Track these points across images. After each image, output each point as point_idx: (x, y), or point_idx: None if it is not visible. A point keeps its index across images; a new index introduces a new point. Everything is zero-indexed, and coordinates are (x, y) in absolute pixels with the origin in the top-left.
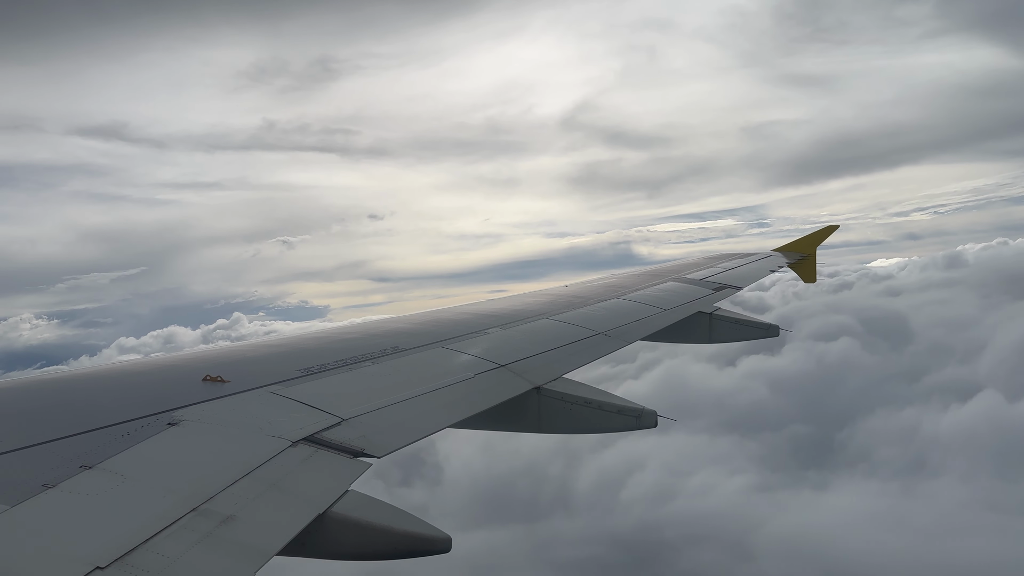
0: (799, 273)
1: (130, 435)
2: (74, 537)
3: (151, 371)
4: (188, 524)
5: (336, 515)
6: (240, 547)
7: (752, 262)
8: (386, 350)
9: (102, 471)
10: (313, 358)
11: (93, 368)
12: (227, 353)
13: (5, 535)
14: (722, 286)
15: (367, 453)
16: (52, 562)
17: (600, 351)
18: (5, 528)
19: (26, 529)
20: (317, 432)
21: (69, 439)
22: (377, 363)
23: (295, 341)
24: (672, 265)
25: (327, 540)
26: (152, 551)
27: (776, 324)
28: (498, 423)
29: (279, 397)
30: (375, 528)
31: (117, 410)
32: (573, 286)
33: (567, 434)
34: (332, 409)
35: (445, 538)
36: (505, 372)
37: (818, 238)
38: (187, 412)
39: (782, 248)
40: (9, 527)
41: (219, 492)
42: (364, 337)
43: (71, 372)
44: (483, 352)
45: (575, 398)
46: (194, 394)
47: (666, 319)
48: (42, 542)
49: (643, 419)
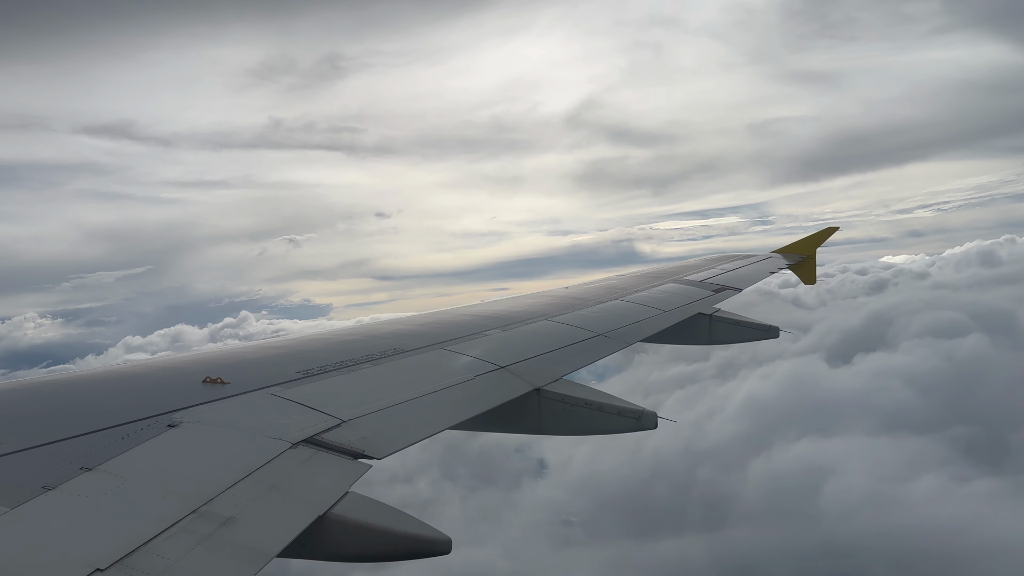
0: (799, 275)
1: (130, 437)
2: (74, 539)
3: (151, 373)
4: (188, 526)
5: (336, 516)
6: (240, 549)
7: (752, 264)
8: (386, 351)
9: (102, 473)
10: (313, 360)
11: (92, 370)
12: (227, 355)
13: (5, 537)
14: (722, 287)
15: (367, 455)
16: (52, 564)
17: (600, 352)
18: (5, 530)
19: (26, 531)
20: (317, 434)
21: (69, 441)
22: (377, 364)
23: (295, 343)
24: (672, 267)
25: (327, 541)
26: (152, 553)
27: (776, 326)
28: (498, 424)
29: (279, 399)
30: (375, 529)
31: (117, 412)
32: (573, 288)
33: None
34: (332, 411)
35: (445, 539)
36: (505, 373)
37: (818, 239)
38: (187, 414)
39: (782, 250)
40: (9, 529)
41: (219, 494)
42: (364, 339)
43: (70, 374)
44: (483, 353)
45: (575, 399)
46: (194, 396)
47: (666, 320)
48: (42, 544)
49: (643, 420)
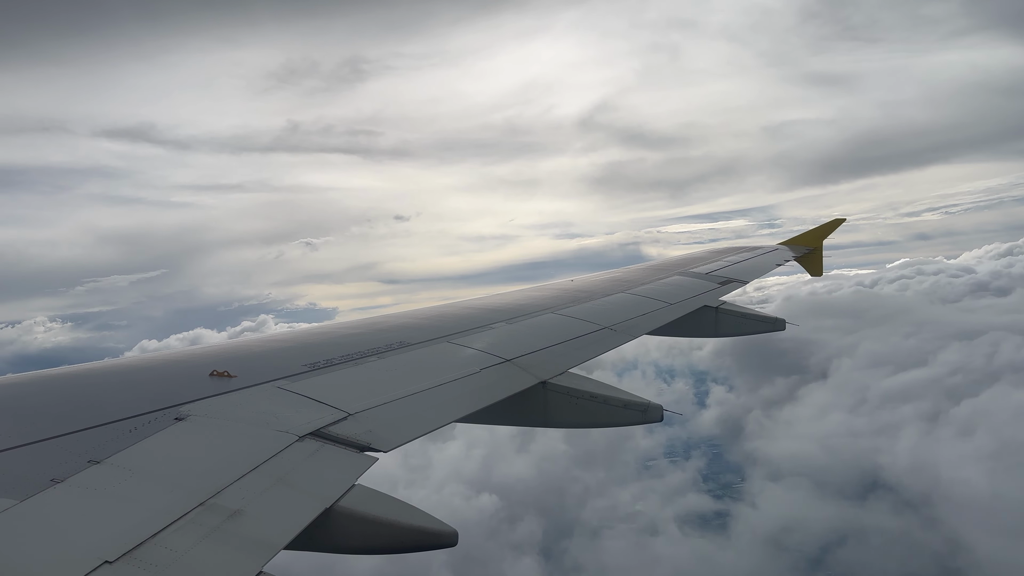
0: (806, 267)
1: (137, 430)
2: (82, 531)
3: (158, 366)
4: (196, 518)
5: (343, 509)
6: (247, 541)
7: (758, 256)
8: (392, 345)
9: (110, 466)
10: (319, 353)
11: (100, 364)
12: (234, 348)
13: (14, 530)
14: (728, 280)
15: (373, 448)
16: (61, 556)
17: (606, 345)
18: (14, 523)
19: (35, 524)
20: (324, 427)
21: (77, 434)
22: (383, 358)
23: (301, 336)
24: (678, 259)
25: (334, 534)
26: (160, 545)
27: (782, 318)
28: (504, 417)
29: (286, 392)
30: (381, 522)
31: (124, 405)
32: (578, 281)
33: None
34: (338, 404)
35: (451, 532)
36: (511, 367)
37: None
38: (194, 407)
39: (789, 242)
40: (18, 522)
41: (226, 487)
42: (370, 332)
43: (78, 368)
44: (489, 347)
45: (581, 392)
46: (201, 389)
47: (672, 313)
48: (50, 537)
49: (649, 413)
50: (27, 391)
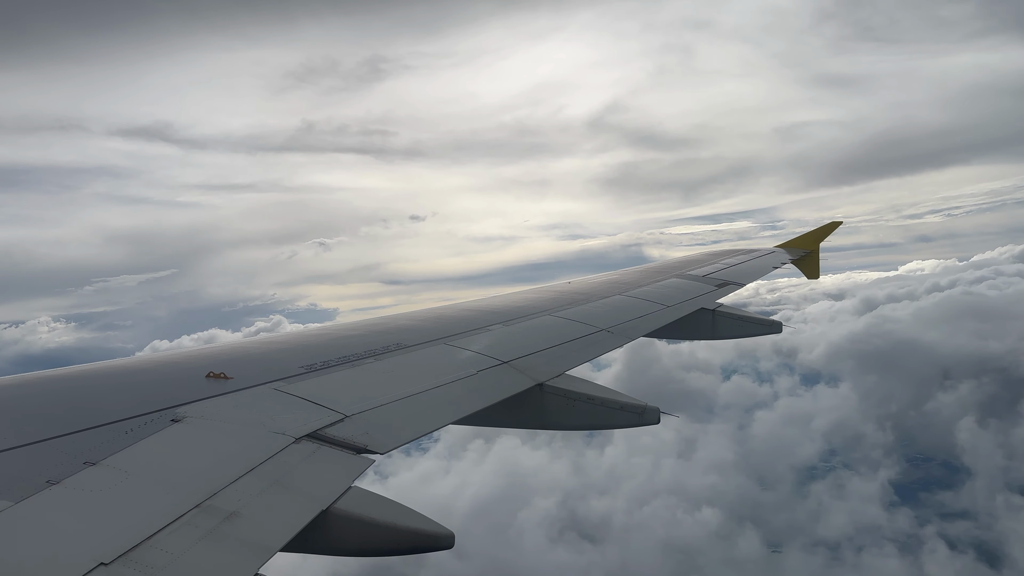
0: (802, 270)
1: (133, 432)
2: (78, 533)
3: (154, 368)
4: (192, 520)
5: (339, 511)
6: (244, 543)
7: (755, 258)
8: (389, 347)
9: (106, 468)
10: (316, 355)
11: (96, 365)
12: (230, 350)
13: (10, 531)
14: (725, 282)
15: (370, 450)
16: (56, 558)
17: (603, 347)
18: (9, 525)
19: (30, 525)
20: (320, 429)
21: (73, 436)
22: (380, 360)
23: (298, 337)
24: (675, 261)
25: (330, 536)
26: (156, 547)
27: (779, 320)
28: (501, 420)
29: (282, 394)
30: (378, 524)
31: (121, 407)
32: (575, 283)
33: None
34: (335, 406)
35: (448, 534)
36: (508, 369)
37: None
38: (190, 409)
39: (786, 244)
40: (13, 524)
41: (222, 488)
42: (367, 334)
43: (74, 369)
44: (486, 349)
45: (578, 394)
46: (197, 391)
47: (669, 315)
48: (46, 538)
49: (646, 416)
50: (23, 392)
